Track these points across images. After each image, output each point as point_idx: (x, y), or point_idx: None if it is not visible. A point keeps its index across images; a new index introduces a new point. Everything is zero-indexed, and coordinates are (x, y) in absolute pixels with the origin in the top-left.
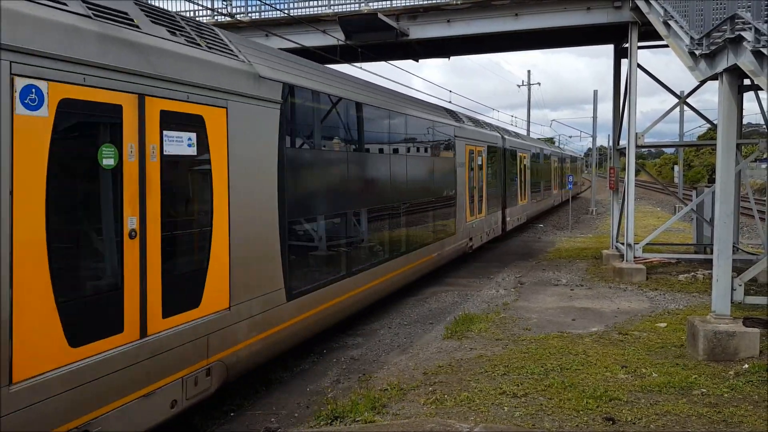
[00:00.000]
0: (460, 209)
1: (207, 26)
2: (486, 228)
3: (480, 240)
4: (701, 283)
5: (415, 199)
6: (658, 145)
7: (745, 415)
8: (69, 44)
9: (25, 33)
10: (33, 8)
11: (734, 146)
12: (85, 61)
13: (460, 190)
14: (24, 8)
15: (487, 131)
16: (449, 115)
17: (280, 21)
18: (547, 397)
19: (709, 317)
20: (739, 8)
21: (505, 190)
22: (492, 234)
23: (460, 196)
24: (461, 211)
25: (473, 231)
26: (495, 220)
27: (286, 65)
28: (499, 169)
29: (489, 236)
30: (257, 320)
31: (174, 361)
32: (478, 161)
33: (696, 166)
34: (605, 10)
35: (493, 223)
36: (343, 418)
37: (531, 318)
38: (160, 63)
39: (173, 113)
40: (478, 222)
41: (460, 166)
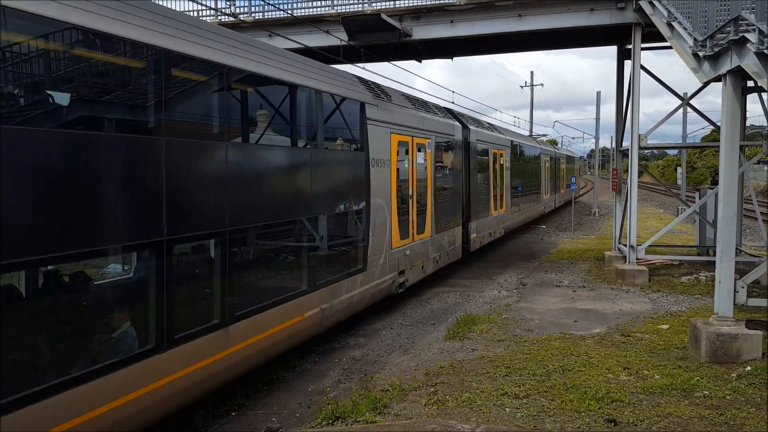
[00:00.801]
0: (376, 230)
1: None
2: (434, 252)
3: (422, 272)
4: (704, 285)
5: (268, 218)
6: (661, 147)
7: (747, 417)
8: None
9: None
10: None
11: (737, 148)
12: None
13: (378, 201)
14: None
15: (435, 118)
16: (358, 86)
17: (283, 21)
18: (548, 399)
19: (712, 319)
20: (743, 10)
21: (469, 198)
22: (447, 259)
23: (378, 211)
24: (380, 232)
25: (407, 260)
26: (451, 239)
27: None
28: (460, 170)
29: (441, 263)
30: None
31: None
32: (418, 158)
33: (699, 168)
34: (609, 11)
35: (447, 243)
36: (344, 419)
37: (533, 319)
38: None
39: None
40: (417, 246)
41: (378, 165)
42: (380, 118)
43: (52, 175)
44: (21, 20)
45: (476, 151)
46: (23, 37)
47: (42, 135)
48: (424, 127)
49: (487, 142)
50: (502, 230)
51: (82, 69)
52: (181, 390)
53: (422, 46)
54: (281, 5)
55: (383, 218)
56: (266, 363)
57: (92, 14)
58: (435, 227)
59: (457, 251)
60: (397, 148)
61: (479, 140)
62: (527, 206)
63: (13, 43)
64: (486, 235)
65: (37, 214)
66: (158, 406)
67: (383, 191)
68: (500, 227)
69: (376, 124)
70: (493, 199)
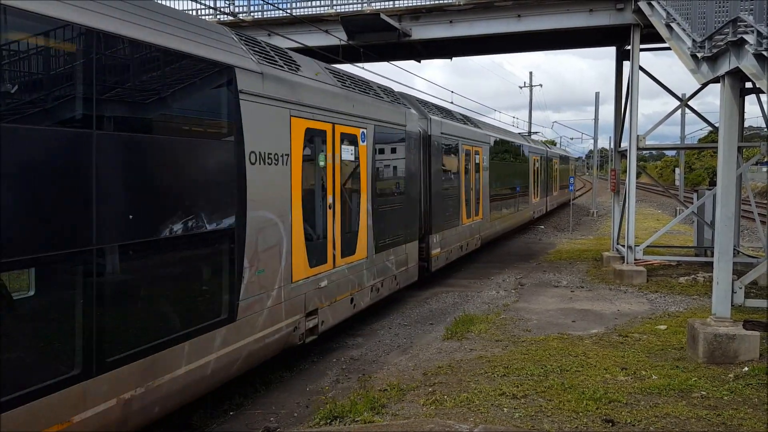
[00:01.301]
0: (259, 257)
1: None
2: (369, 280)
3: (351, 307)
4: (701, 286)
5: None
6: (660, 148)
7: (745, 417)
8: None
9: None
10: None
11: (735, 149)
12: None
13: (262, 215)
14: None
15: (375, 101)
16: (230, 44)
17: (283, 20)
18: (546, 399)
19: (710, 320)
20: (742, 11)
21: (429, 205)
22: (395, 284)
23: (263, 229)
24: (267, 259)
25: (322, 295)
26: (402, 258)
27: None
28: (417, 171)
29: (385, 290)
30: None
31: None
32: (344, 154)
33: (697, 169)
34: (608, 12)
35: (394, 265)
36: (342, 418)
37: (531, 319)
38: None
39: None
40: (340, 273)
41: (263, 162)
42: (269, 94)
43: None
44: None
45: (441, 146)
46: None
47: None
48: (355, 113)
49: (457, 136)
50: (478, 241)
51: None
52: None
53: (421, 46)
54: (280, 4)
55: (273, 239)
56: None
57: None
58: (374, 245)
59: (408, 274)
60: (303, 137)
61: (445, 134)
62: (511, 212)
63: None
64: (456, 249)
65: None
66: None
67: (274, 200)
68: (475, 238)
69: (259, 101)
70: (466, 204)
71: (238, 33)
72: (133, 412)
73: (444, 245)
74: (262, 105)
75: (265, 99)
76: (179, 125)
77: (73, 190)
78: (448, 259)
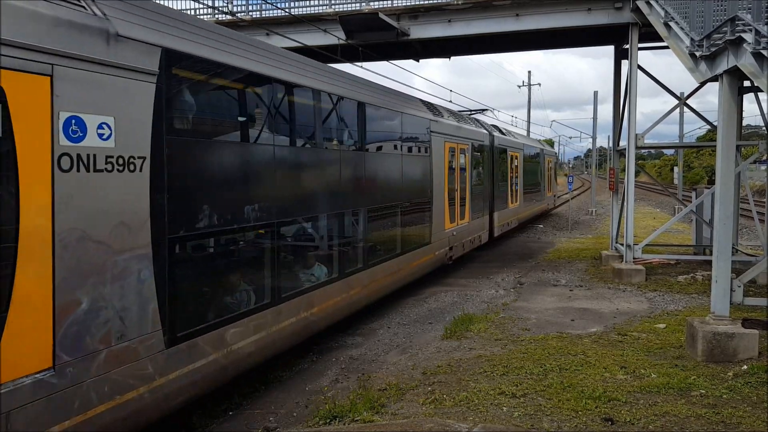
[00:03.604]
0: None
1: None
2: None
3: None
4: (700, 285)
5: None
6: (658, 146)
7: (744, 416)
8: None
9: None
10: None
11: (734, 148)
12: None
13: (440, 188)
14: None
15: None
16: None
17: (282, 20)
18: (545, 398)
19: (708, 318)
20: (740, 10)
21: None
22: (478, 242)
23: (439, 197)
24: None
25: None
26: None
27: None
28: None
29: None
30: None
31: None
32: (461, 159)
33: (696, 168)
34: (606, 11)
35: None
36: (341, 418)
37: (530, 318)
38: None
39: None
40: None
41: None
42: (438, 131)
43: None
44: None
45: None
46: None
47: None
48: (462, 135)
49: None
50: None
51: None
52: None
53: (420, 45)
54: (279, 3)
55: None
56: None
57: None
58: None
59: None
60: (448, 150)
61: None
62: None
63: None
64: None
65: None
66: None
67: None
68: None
69: (436, 136)
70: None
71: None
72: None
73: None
74: (438, 137)
75: (438, 134)
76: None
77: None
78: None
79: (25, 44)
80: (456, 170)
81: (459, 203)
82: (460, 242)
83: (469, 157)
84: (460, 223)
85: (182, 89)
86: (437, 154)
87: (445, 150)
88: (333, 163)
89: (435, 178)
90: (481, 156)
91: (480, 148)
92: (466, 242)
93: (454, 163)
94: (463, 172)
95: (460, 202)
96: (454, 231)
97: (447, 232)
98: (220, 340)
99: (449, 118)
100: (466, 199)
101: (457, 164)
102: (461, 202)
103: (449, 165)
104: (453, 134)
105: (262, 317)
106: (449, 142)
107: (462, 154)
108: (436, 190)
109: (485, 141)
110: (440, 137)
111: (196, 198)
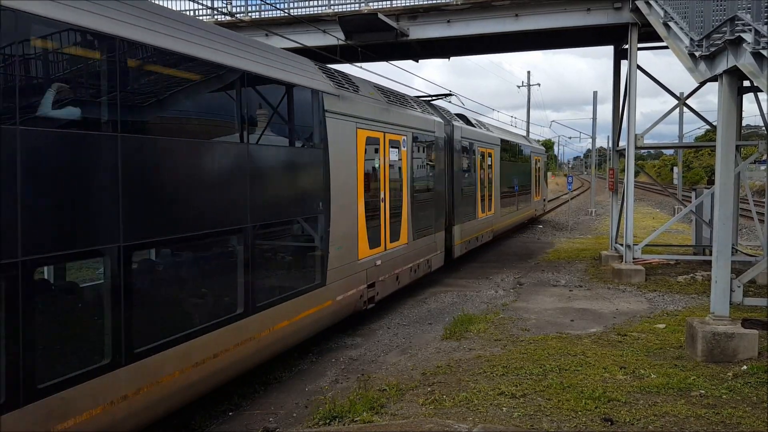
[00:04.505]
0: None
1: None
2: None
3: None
4: (700, 285)
5: None
6: (658, 147)
7: (744, 416)
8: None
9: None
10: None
11: (734, 148)
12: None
13: (341, 201)
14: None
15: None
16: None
17: (281, 20)
18: (545, 398)
19: (708, 318)
20: (739, 10)
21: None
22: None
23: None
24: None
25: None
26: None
27: None
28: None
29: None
30: None
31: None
32: (393, 156)
33: (695, 168)
34: (605, 11)
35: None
36: (341, 418)
37: (530, 319)
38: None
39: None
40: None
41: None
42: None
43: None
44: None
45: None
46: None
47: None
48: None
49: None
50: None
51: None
52: None
53: (419, 45)
54: (278, 4)
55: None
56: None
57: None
58: (413, 233)
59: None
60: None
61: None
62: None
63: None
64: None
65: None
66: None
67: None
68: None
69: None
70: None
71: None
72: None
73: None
74: (341, 121)
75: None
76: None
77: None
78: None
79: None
80: (382, 171)
81: (389, 218)
82: (390, 274)
83: (409, 152)
84: (391, 246)
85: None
86: (340, 147)
87: (359, 141)
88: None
89: (336, 183)
90: (432, 152)
91: (430, 141)
92: (403, 272)
93: (379, 161)
94: (396, 172)
95: (392, 216)
96: (379, 259)
97: (364, 262)
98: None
99: (370, 94)
100: (403, 211)
101: (384, 162)
102: (394, 216)
103: (369, 164)
104: (375, 119)
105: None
106: (367, 131)
107: (394, 148)
108: (337, 202)
109: (438, 132)
110: (347, 122)
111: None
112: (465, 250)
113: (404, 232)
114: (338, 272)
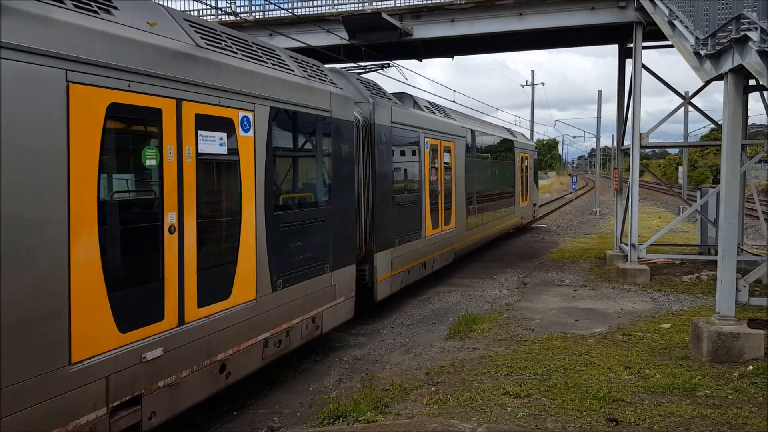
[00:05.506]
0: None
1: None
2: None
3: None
4: (705, 284)
5: None
6: (663, 146)
7: (749, 416)
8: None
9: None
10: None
11: (739, 147)
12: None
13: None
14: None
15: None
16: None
17: (285, 20)
18: (550, 398)
19: (714, 318)
20: (745, 8)
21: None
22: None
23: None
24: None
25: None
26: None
27: None
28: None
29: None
30: None
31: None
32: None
33: (700, 167)
34: (610, 9)
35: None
36: (345, 418)
37: (534, 318)
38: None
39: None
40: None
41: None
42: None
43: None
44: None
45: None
46: None
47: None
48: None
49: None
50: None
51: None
52: None
53: (423, 45)
54: (282, 4)
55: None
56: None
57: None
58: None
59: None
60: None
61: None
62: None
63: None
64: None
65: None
66: None
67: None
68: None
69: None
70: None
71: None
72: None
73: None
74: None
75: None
76: None
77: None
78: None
79: None
80: (169, 175)
81: (199, 258)
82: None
83: (261, 140)
84: (221, 308)
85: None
86: (39, 129)
87: (94, 117)
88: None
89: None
90: (327, 142)
91: (322, 124)
92: (253, 357)
93: (191, 155)
94: (221, 176)
95: (212, 255)
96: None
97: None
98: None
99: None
100: (246, 243)
101: (190, 157)
102: (220, 254)
103: (132, 160)
104: (148, 73)
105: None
106: (128, 94)
107: (215, 131)
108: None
109: (340, 112)
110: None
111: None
112: (401, 284)
113: (248, 278)
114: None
